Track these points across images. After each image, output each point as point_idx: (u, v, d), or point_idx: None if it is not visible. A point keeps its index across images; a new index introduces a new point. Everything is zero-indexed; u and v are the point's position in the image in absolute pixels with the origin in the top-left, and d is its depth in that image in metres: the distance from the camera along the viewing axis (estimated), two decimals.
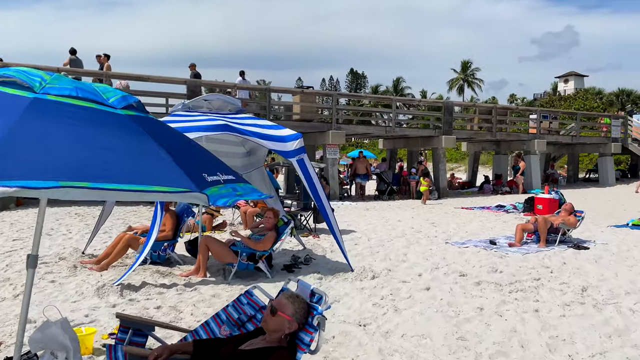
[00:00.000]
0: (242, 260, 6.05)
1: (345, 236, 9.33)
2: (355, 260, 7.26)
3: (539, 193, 13.78)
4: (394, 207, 15.33)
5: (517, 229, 8.51)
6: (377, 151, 42.21)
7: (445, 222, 11.49)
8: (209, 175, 2.23)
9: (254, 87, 16.77)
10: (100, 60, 13.92)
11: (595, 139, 24.25)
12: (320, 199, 6.31)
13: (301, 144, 6.25)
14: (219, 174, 2.34)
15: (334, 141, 17.51)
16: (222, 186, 2.22)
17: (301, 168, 6.23)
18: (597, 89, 55.90)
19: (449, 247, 8.25)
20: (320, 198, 6.31)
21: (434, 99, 21.57)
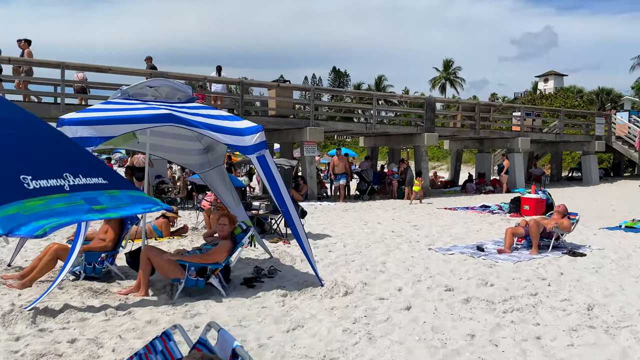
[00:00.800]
0: (191, 275, 5.12)
1: (319, 241, 8.46)
2: (327, 272, 6.38)
3: (526, 193, 13.09)
4: (374, 208, 14.51)
5: (506, 234, 7.73)
6: (359, 149, 41.47)
7: (428, 225, 10.69)
8: (36, 178, 1.30)
9: (226, 79, 15.78)
10: (21, 46, 12.76)
11: (579, 136, 23.79)
12: (284, 203, 5.41)
13: (262, 137, 5.34)
14: (67, 177, 1.41)
15: (312, 138, 16.61)
16: (56, 198, 1.30)
17: (262, 166, 5.32)
18: (578, 87, 55.98)
19: (433, 255, 7.42)
20: (284, 201, 5.41)
21: (416, 95, 20.71)
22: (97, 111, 4.85)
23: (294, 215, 5.50)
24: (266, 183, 5.38)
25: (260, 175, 5.39)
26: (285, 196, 5.44)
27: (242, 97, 15.64)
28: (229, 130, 5.21)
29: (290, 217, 5.44)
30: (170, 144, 6.48)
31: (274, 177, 5.39)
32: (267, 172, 5.36)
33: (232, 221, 5.65)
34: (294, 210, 5.54)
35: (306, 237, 5.69)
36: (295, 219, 5.49)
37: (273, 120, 16.46)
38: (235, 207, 7.03)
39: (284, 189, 5.48)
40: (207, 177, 7.02)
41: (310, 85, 16.55)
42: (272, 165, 5.41)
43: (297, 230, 5.50)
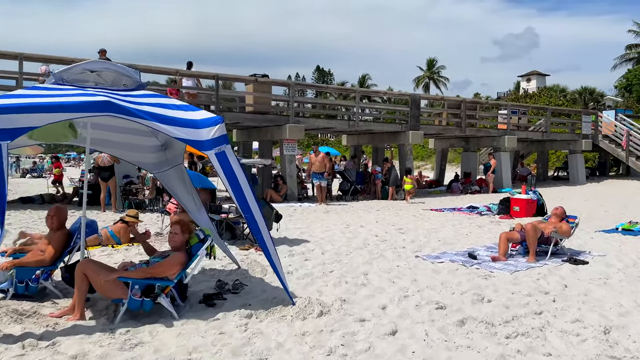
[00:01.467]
0: (135, 295, 4.28)
1: (295, 248, 7.67)
2: (302, 285, 5.58)
3: (515, 193, 12.46)
4: (357, 209, 13.76)
5: (500, 240, 7.01)
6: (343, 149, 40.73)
7: (414, 228, 9.96)
8: None
9: (200, 73, 14.87)
10: None
11: (565, 135, 23.35)
12: (248, 208, 4.59)
13: (222, 131, 4.52)
14: None
15: (292, 136, 15.80)
16: None
17: (222, 164, 4.50)
18: (561, 86, 56.07)
19: (420, 263, 6.67)
20: (248, 206, 4.59)
21: (400, 92, 20.04)
22: (14, 97, 3.98)
23: (261, 222, 4.69)
24: (227, 184, 4.56)
25: (219, 175, 4.58)
26: (249, 200, 4.63)
27: (218, 93, 14.76)
28: (181, 121, 4.38)
29: (255, 224, 4.62)
30: (119, 139, 5.61)
31: (237, 177, 4.57)
32: (228, 171, 4.54)
33: (186, 229, 4.82)
34: (260, 217, 4.72)
35: (274, 248, 4.88)
36: (262, 227, 4.68)
37: (251, 117, 15.61)
38: (197, 212, 6.19)
39: (249, 191, 4.66)
40: (164, 178, 6.17)
41: (290, 81, 15.66)
42: (234, 163, 4.59)
43: (265, 241, 4.68)
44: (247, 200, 4.63)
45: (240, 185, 4.61)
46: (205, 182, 8.31)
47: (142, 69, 13.68)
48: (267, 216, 7.94)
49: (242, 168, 4.72)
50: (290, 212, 12.88)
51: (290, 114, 15.88)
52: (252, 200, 4.66)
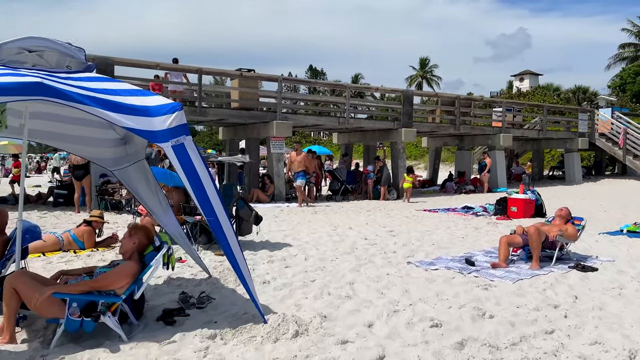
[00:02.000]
0: (73, 314, 3.59)
1: (276, 253, 6.99)
2: (278, 297, 4.92)
3: (512, 193, 11.86)
4: (347, 210, 13.11)
5: (501, 244, 6.38)
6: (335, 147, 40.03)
7: (406, 230, 9.31)
8: None
9: (182, 67, 14.14)
10: None
11: (562, 133, 22.81)
12: (211, 209, 3.91)
13: (180, 120, 3.84)
14: None
15: (279, 133, 15.12)
16: None
17: (180, 159, 3.82)
18: (555, 85, 55.73)
19: (413, 270, 6.02)
20: (211, 207, 3.91)
21: (392, 88, 19.41)
22: None
23: (227, 226, 4.01)
24: (186, 183, 3.88)
25: (178, 172, 3.91)
26: (213, 201, 3.94)
27: (201, 87, 14.05)
28: (129, 108, 3.69)
29: (220, 229, 3.94)
30: (68, 130, 4.90)
31: (198, 174, 3.89)
32: (187, 167, 3.86)
33: (144, 234, 4.14)
34: (226, 221, 4.04)
35: (243, 257, 4.19)
36: (227, 232, 4.00)
37: (236, 113, 14.91)
38: (164, 215, 5.50)
39: (213, 191, 3.98)
40: (124, 176, 5.47)
41: (277, 75, 14.99)
42: (195, 158, 3.91)
43: (231, 248, 4.01)
44: (211, 201, 3.95)
45: (203, 184, 3.93)
46: (178, 180, 7.61)
47: (118, 62, 12.99)
48: (246, 218, 7.27)
49: (205, 164, 4.04)
50: (276, 212, 12.22)
51: (277, 110, 15.18)
52: (216, 201, 3.98)
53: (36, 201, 14.11)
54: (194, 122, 17.17)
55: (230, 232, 4.04)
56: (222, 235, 3.98)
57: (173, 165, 3.86)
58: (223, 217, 4.02)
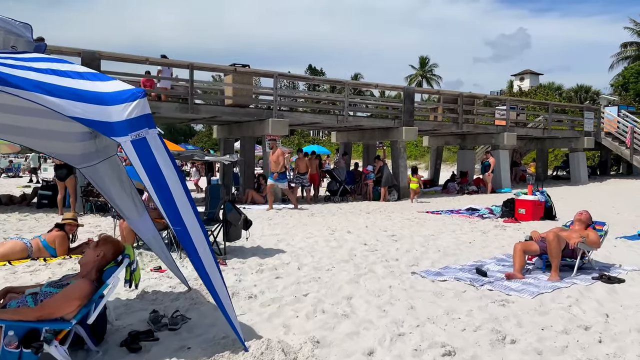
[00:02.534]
0: (9, 345, 2.94)
1: (267, 261, 6.36)
2: (265, 316, 4.28)
3: (521, 194, 11.22)
4: (346, 212, 12.48)
5: (515, 252, 5.74)
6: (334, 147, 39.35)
7: (409, 234, 8.68)
8: None
9: (172, 62, 13.50)
10: None
11: (567, 132, 22.17)
12: (178, 217, 3.26)
13: (143, 109, 3.20)
14: None
15: (275, 132, 14.47)
16: None
17: (141, 156, 3.18)
18: (557, 84, 55.13)
19: (418, 282, 5.38)
20: (178, 215, 3.26)
21: (393, 85, 18.76)
22: None
23: (198, 239, 3.36)
24: (148, 184, 3.24)
25: (138, 172, 3.27)
26: (182, 206, 3.30)
27: (192, 83, 13.40)
28: (80, 94, 3.05)
29: (189, 242, 3.29)
30: (27, 123, 4.25)
31: (162, 175, 3.25)
32: (150, 166, 3.21)
33: (111, 248, 3.50)
34: (198, 230, 3.39)
35: (220, 275, 3.54)
36: (199, 245, 3.35)
37: (229, 110, 14.26)
38: (139, 219, 4.85)
39: (183, 194, 3.33)
40: (93, 175, 4.81)
41: (272, 71, 14.35)
42: (161, 155, 3.27)
43: (204, 266, 3.36)
44: (178, 206, 3.30)
45: (168, 186, 3.28)
46: None
47: (106, 56, 12.35)
48: (234, 222, 6.63)
49: (174, 163, 3.39)
50: (270, 214, 11.59)
51: (273, 107, 14.54)
52: (185, 206, 3.33)
53: (20, 202, 13.47)
54: (185, 120, 16.51)
55: (203, 245, 3.39)
56: (192, 249, 3.33)
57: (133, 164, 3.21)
58: (194, 226, 3.37)
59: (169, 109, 13.43)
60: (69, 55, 12.28)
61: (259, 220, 10.57)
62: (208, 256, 3.45)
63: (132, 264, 3.47)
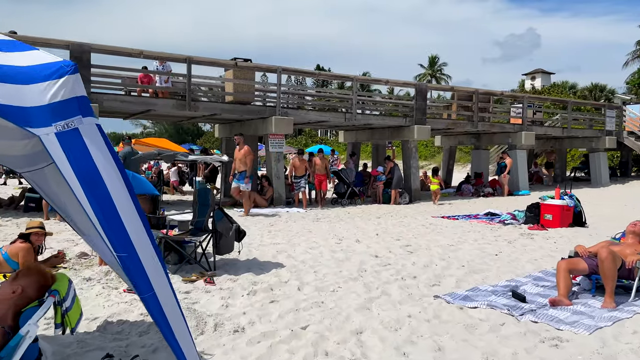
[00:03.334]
0: None
1: (262, 278, 5.43)
2: (253, 359, 3.34)
3: (547, 198, 10.21)
4: (354, 216, 11.54)
5: (560, 272, 4.76)
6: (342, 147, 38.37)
7: (425, 244, 7.71)
8: None
9: (168, 55, 12.63)
10: None
11: (587, 131, 21.04)
12: (124, 237, 2.35)
13: (72, 90, 2.31)
14: None
15: (278, 130, 13.56)
16: None
17: (70, 154, 2.29)
18: (571, 83, 53.77)
19: (443, 309, 4.41)
20: (124, 234, 2.35)
21: (404, 81, 17.75)
22: None
23: (152, 267, 2.43)
24: (79, 192, 2.33)
25: (64, 175, 2.36)
26: (130, 223, 2.38)
27: (190, 79, 12.52)
28: None
29: (140, 272, 2.37)
30: None
31: (103, 182, 2.34)
32: (83, 169, 2.31)
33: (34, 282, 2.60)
34: (152, 258, 2.46)
35: (181, 316, 2.61)
36: (154, 277, 2.42)
37: (229, 107, 13.37)
38: (95, 234, 3.92)
39: (131, 208, 2.42)
40: (39, 180, 3.91)
41: (275, 66, 13.43)
42: (100, 153, 2.36)
43: (159, 304, 2.44)
44: (125, 225, 2.38)
45: (111, 198, 2.36)
46: (142, 185, 6.06)
47: (96, 49, 11.50)
48: (225, 233, 5.70)
49: (121, 166, 2.47)
50: (272, 220, 10.67)
51: (276, 104, 13.63)
52: (134, 223, 2.42)
53: (8, 205, 12.66)
54: (183, 117, 15.65)
55: (158, 277, 2.46)
56: (142, 282, 2.40)
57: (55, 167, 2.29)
58: (146, 250, 2.45)
59: (165, 106, 12.56)
60: (57, 48, 11.46)
61: (259, 226, 9.66)
62: (165, 290, 2.52)
63: (63, 301, 2.55)
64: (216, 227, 5.77)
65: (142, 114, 13.61)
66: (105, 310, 4.37)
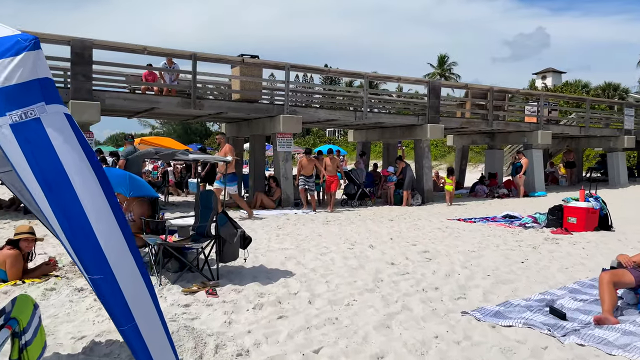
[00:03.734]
0: None
1: (269, 289, 4.97)
2: None
3: (571, 200, 9.64)
4: (365, 219, 11.04)
5: (603, 285, 4.23)
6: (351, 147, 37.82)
7: (445, 250, 7.20)
8: None
9: (172, 51, 12.21)
10: None
11: (605, 130, 20.37)
12: (97, 254, 1.90)
13: (33, 71, 1.86)
14: None
15: (287, 129, 13.09)
16: None
17: (27, 149, 1.83)
18: (584, 81, 52.87)
19: (474, 328, 3.91)
20: (97, 250, 1.89)
21: (416, 78, 17.24)
22: None
23: (132, 291, 1.97)
24: (38, 197, 1.87)
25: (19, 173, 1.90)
26: (105, 236, 1.92)
27: (195, 76, 12.08)
28: None
29: (118, 298, 1.91)
30: None
31: (70, 183, 1.88)
32: (44, 167, 1.86)
33: None
34: (135, 280, 1.99)
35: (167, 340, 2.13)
36: (134, 304, 1.95)
37: (235, 106, 12.91)
38: None
39: (109, 214, 1.95)
40: (16, 182, 3.47)
41: (284, 62, 12.97)
42: (68, 149, 1.90)
43: (139, 334, 1.97)
44: (97, 237, 1.91)
45: (79, 201, 1.90)
46: (140, 186, 5.60)
47: (99, 45, 11.09)
48: (229, 239, 5.23)
49: (94, 161, 2.00)
50: (280, 222, 10.19)
51: (285, 102, 13.16)
52: (112, 236, 1.94)
53: (9, 207, 12.29)
54: (187, 116, 15.22)
55: (142, 303, 1.99)
56: (121, 311, 1.93)
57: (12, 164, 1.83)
58: (127, 270, 1.97)
59: (169, 104, 12.13)
60: (58, 44, 11.09)
61: (266, 229, 9.19)
62: (152, 323, 2.05)
63: (23, 333, 2.08)
64: (219, 232, 5.30)
65: (146, 112, 13.19)
66: (94, 327, 3.92)
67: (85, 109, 10.66)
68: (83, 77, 10.74)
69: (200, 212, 5.58)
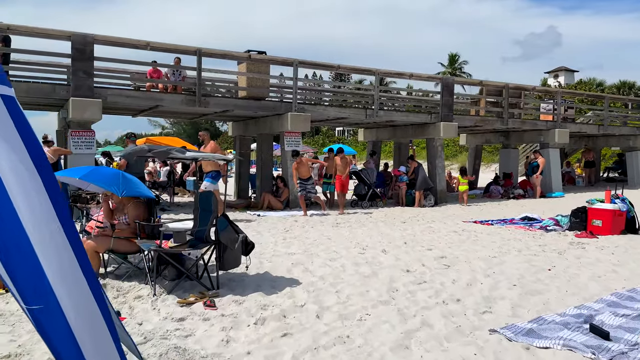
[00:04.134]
0: None
1: (273, 300, 4.52)
2: None
3: (596, 202, 9.08)
4: (376, 220, 10.55)
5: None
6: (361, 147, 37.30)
7: (464, 256, 6.69)
8: None
9: (176, 47, 11.80)
10: None
11: (625, 129, 19.68)
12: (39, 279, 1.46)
13: None
14: None
15: (295, 127, 12.64)
16: None
17: None
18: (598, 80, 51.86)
19: (506, 352, 3.41)
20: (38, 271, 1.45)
21: (428, 75, 16.72)
22: None
23: (85, 327, 1.52)
24: None
25: None
26: (49, 254, 1.48)
27: (200, 73, 11.67)
28: None
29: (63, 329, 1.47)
30: None
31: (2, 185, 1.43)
32: None
33: None
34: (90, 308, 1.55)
35: None
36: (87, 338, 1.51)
37: (242, 103, 12.48)
38: None
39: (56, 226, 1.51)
40: None
41: (292, 58, 12.51)
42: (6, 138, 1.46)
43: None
44: (38, 255, 1.46)
45: (14, 209, 1.45)
46: (135, 186, 5.17)
47: (100, 40, 10.71)
48: (230, 245, 4.78)
49: (40, 157, 1.56)
50: (288, 225, 9.74)
51: (293, 100, 12.70)
52: (59, 254, 1.49)
53: None
54: (193, 114, 14.82)
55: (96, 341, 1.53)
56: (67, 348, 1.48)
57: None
58: (79, 297, 1.52)
59: (173, 102, 11.73)
60: (58, 39, 10.72)
61: (273, 232, 8.75)
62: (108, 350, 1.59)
63: None
64: (219, 237, 4.86)
65: (150, 110, 12.80)
66: None
67: (87, 107, 10.30)
68: (84, 74, 10.37)
69: (199, 215, 5.14)
